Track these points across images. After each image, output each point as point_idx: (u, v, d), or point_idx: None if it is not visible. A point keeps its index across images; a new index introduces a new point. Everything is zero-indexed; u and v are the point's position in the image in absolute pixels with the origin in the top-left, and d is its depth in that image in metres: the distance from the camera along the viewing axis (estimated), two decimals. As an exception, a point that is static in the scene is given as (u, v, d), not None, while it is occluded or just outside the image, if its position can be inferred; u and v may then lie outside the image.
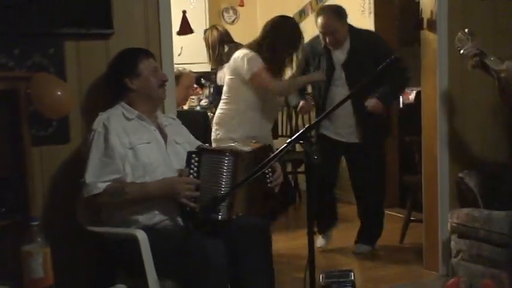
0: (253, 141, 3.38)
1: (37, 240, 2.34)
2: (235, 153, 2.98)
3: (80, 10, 3.26)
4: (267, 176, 3.07)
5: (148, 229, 2.89)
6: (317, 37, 4.71)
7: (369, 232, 4.95)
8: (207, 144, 3.26)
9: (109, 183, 2.89)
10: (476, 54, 3.26)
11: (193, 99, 6.34)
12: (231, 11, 7.90)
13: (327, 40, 4.56)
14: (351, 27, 4.63)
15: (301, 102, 4.76)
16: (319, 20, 4.55)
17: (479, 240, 3.78)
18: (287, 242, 4.85)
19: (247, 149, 3.09)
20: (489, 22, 4.19)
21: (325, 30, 4.55)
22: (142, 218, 2.95)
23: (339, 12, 4.58)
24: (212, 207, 2.86)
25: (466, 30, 3.32)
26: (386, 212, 6.05)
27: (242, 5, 7.73)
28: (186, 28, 6.42)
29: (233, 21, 7.88)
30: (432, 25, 4.21)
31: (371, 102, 4.51)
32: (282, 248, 4.74)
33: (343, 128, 4.67)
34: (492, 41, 4.08)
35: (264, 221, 3.07)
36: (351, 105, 4.52)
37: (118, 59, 3.18)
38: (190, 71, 5.17)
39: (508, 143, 4.27)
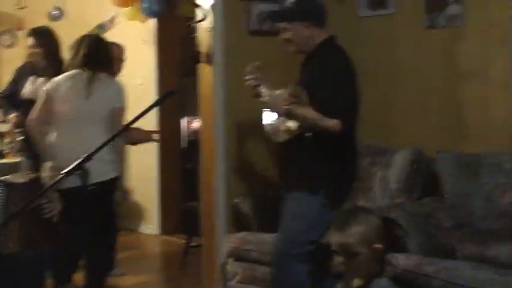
0: (29, 172, 3.28)
1: None
2: (9, 184, 2.89)
3: None
4: (44, 206, 3.00)
5: None
6: None
7: None
8: None
9: None
10: (255, 86, 3.48)
11: None
12: (8, 34, 7.58)
13: None
14: None
15: None
16: None
17: (252, 262, 3.99)
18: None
19: (21, 180, 3.00)
20: (261, 55, 4.47)
21: None
22: None
23: None
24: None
25: (257, 63, 3.53)
26: (169, 238, 6.18)
27: (21, 29, 7.46)
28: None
29: (11, 45, 7.57)
30: (208, 58, 4.42)
31: None
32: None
33: None
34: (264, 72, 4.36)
35: (36, 256, 2.99)
36: None
37: None
38: None
39: (277, 168, 4.57)
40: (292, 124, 3.17)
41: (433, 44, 4.17)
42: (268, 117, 3.35)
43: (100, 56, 3.80)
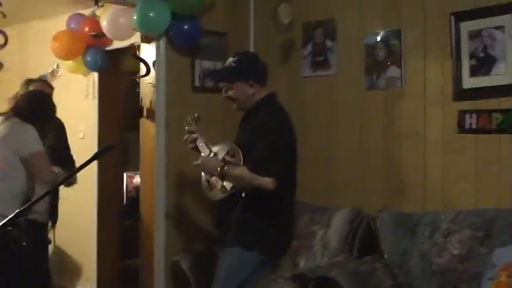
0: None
1: None
2: None
3: None
4: None
5: None
6: None
7: None
8: None
9: None
10: (192, 140, 3.46)
11: None
12: None
13: None
14: None
15: None
16: None
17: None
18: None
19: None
20: (201, 111, 4.47)
21: None
22: None
23: None
24: None
25: (196, 114, 3.52)
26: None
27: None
28: None
29: None
30: (151, 114, 4.41)
31: None
32: None
33: None
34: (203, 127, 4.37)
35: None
36: None
37: None
38: None
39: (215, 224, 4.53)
40: (226, 184, 3.18)
41: (373, 104, 4.26)
42: (205, 176, 3.34)
43: (31, 107, 3.73)
